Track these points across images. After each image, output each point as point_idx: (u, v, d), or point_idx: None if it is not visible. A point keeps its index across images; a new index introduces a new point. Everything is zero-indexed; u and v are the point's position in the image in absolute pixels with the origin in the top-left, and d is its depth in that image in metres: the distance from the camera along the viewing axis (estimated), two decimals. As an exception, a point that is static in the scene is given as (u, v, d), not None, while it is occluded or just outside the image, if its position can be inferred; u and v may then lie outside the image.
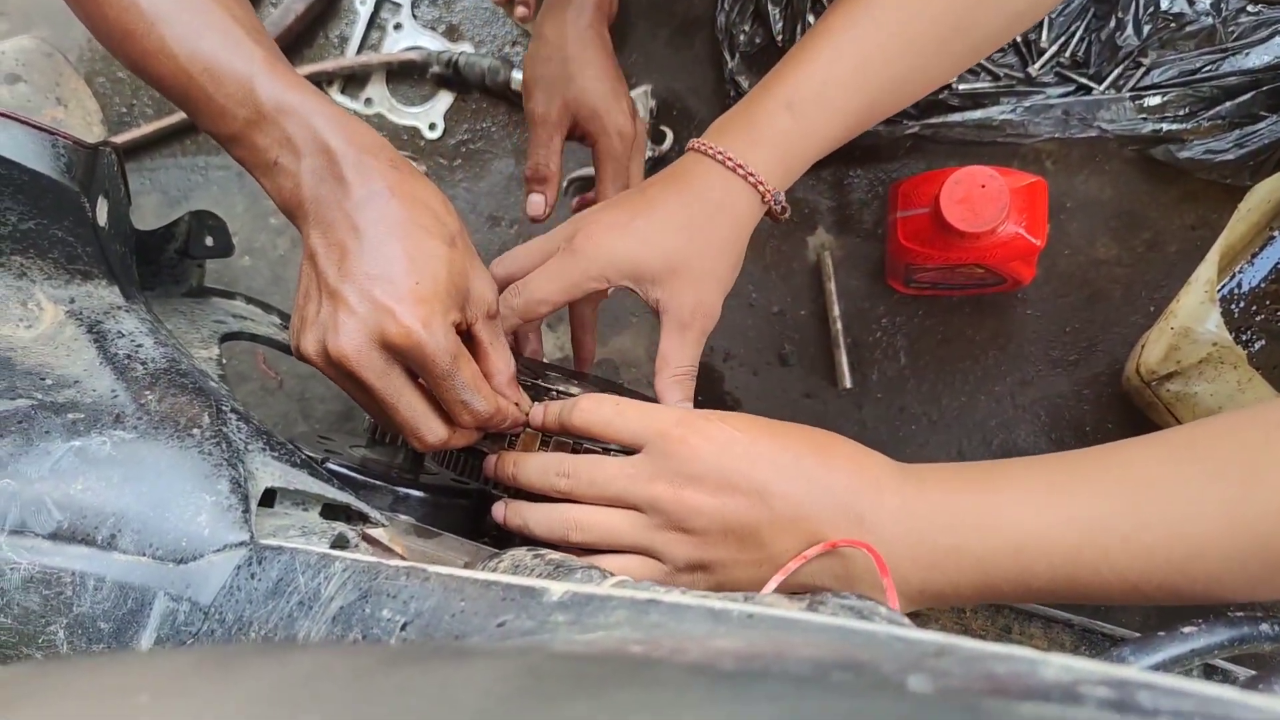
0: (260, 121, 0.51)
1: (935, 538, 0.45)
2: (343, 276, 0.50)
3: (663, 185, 0.60)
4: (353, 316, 0.49)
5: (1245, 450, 0.41)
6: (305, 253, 0.52)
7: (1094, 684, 0.20)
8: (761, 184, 0.58)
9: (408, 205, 0.50)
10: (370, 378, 0.50)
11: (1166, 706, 0.19)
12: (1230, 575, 0.41)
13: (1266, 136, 0.84)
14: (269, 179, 0.52)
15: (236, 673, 0.20)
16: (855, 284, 0.93)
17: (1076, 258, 0.90)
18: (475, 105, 1.02)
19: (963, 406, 0.92)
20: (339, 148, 0.50)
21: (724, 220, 0.58)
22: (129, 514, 0.44)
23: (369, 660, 0.20)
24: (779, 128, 0.58)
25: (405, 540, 0.51)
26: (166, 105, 1.06)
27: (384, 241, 0.49)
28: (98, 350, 0.50)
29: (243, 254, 1.04)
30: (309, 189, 0.51)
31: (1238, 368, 0.73)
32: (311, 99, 0.51)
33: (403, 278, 0.49)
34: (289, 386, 1.04)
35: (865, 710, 0.18)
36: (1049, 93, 0.89)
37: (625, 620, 0.30)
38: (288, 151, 0.51)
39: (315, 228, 0.51)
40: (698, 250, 0.58)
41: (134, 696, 0.19)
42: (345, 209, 0.50)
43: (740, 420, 0.50)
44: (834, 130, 0.59)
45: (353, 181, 0.50)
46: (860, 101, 0.59)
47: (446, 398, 0.52)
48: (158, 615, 0.42)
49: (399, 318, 0.48)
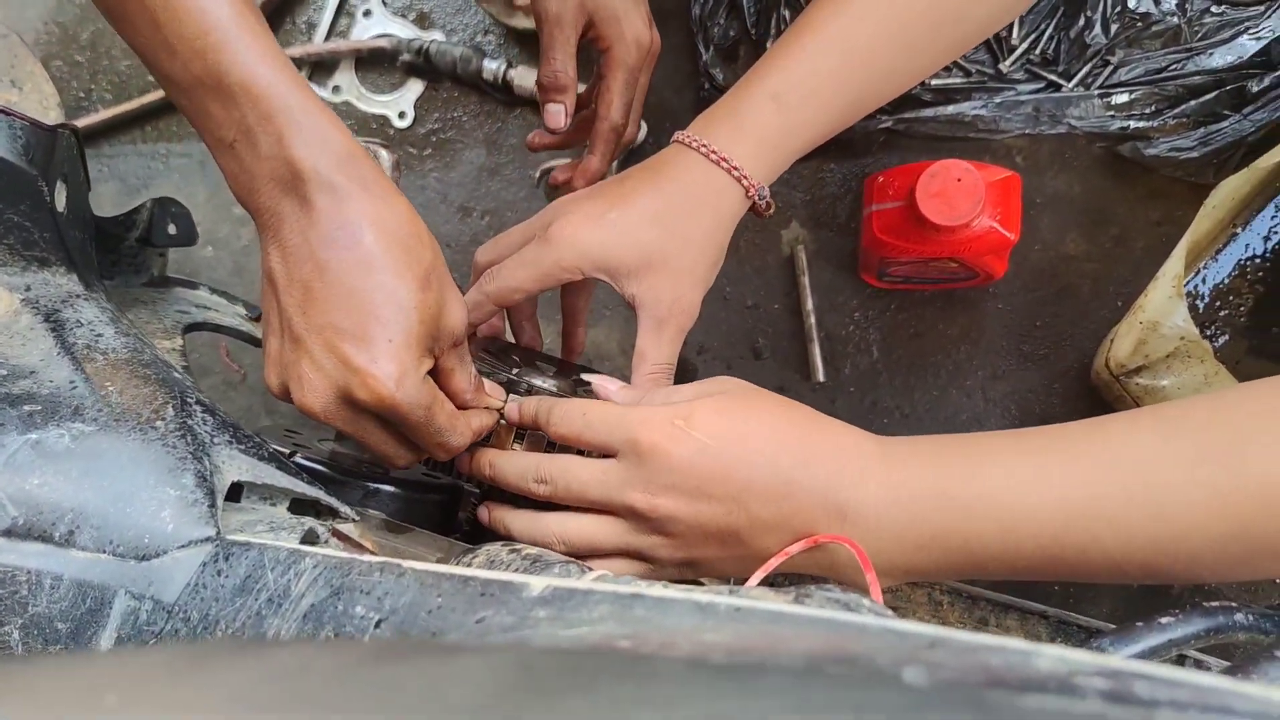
0: (218, 90, 0.45)
1: (921, 521, 0.45)
2: (308, 323, 0.47)
3: (642, 177, 0.59)
4: (319, 372, 0.47)
5: (1233, 433, 0.41)
6: (264, 268, 0.49)
7: (1089, 675, 0.19)
8: (745, 178, 0.57)
9: (381, 244, 0.46)
10: (339, 425, 0.49)
11: (1164, 697, 0.18)
12: (1212, 557, 0.41)
13: (1230, 135, 0.85)
14: (223, 159, 0.48)
15: (211, 671, 0.19)
16: (829, 278, 0.93)
17: (1046, 253, 0.90)
18: (446, 94, 1.01)
19: (934, 400, 0.92)
20: (308, 163, 0.46)
21: (705, 215, 0.57)
22: (88, 510, 0.42)
23: (352, 657, 0.20)
24: (764, 120, 0.57)
25: (376, 536, 0.50)
26: (126, 90, 1.04)
27: (354, 290, 0.46)
28: (55, 339, 0.49)
29: (205, 244, 1.02)
30: (267, 196, 0.47)
31: (1204, 361, 0.73)
32: (283, 82, 0.45)
33: (373, 334, 0.46)
34: (253, 380, 1.02)
35: (874, 701, 0.17)
36: (1019, 89, 0.89)
37: (609, 615, 0.29)
38: (245, 143, 0.46)
39: (274, 246, 0.48)
40: (676, 245, 0.57)
41: (101, 697, 0.18)
42: (310, 241, 0.46)
43: (712, 421, 0.47)
44: (821, 124, 0.59)
45: (320, 209, 0.46)
46: (848, 95, 0.58)
47: (422, 441, 0.50)
48: (118, 614, 0.41)
49: (369, 381, 0.46)
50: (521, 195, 1.00)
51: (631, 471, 0.48)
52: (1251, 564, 0.41)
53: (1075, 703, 0.18)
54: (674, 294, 0.57)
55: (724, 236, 0.59)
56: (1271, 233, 0.84)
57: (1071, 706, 0.18)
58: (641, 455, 0.47)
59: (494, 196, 1.00)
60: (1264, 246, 0.84)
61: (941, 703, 0.18)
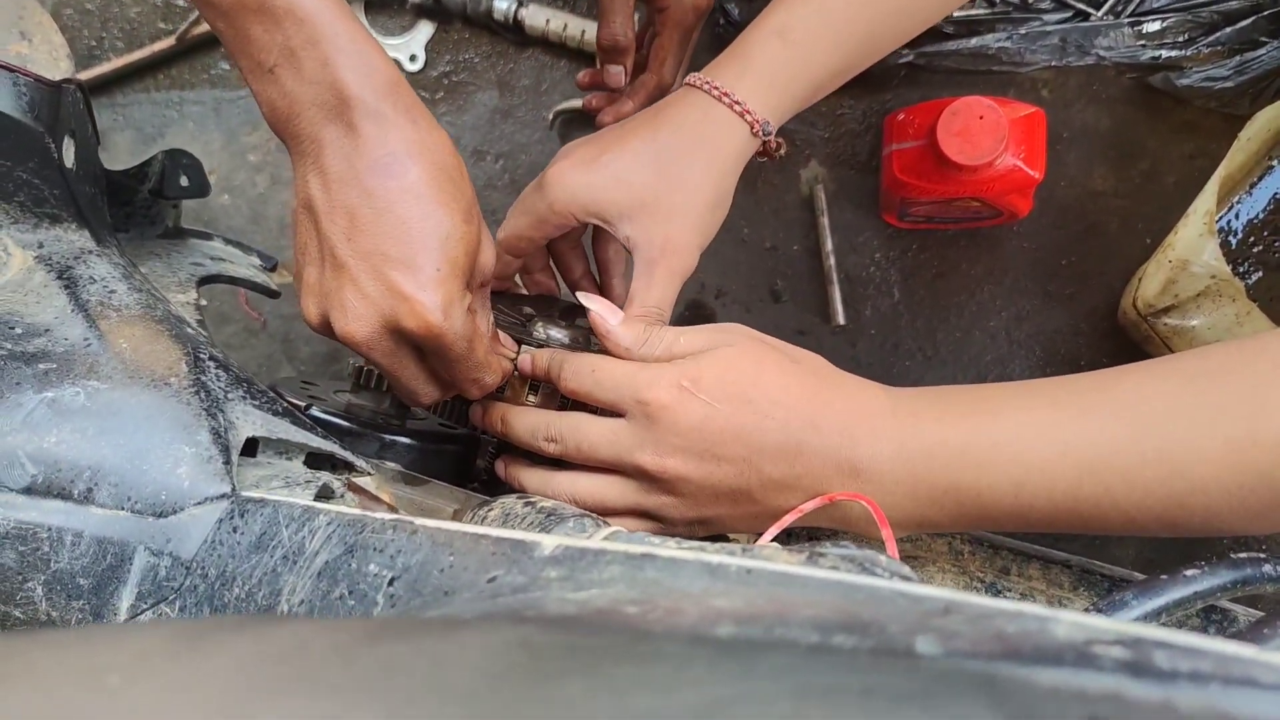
0: (261, 12, 0.44)
1: (934, 477, 0.44)
2: (354, 249, 0.46)
3: (642, 119, 0.58)
4: (364, 300, 0.46)
5: (1253, 384, 0.40)
6: (300, 196, 0.48)
7: (1108, 643, 0.19)
8: (748, 112, 0.55)
9: (428, 174, 0.46)
10: (377, 357, 0.48)
11: (1184, 667, 0.18)
12: (1230, 510, 0.41)
13: (1267, 63, 0.82)
14: (259, 84, 0.47)
15: (209, 651, 0.19)
16: (848, 218, 0.92)
17: (1073, 189, 0.88)
18: (457, 36, 0.99)
19: (958, 342, 0.91)
20: (355, 89, 0.45)
21: (702, 154, 0.55)
22: (105, 467, 0.42)
23: (350, 636, 0.19)
24: (769, 56, 0.56)
25: (393, 488, 0.50)
26: (137, 38, 1.02)
27: (403, 219, 0.45)
28: (69, 297, 0.49)
29: (221, 192, 1.02)
30: (309, 123, 0.46)
31: (1236, 300, 0.72)
32: (330, 8, 0.45)
33: (421, 262, 0.45)
34: (273, 328, 1.02)
35: (879, 685, 0.17)
36: (1046, 19, 0.87)
37: (620, 576, 0.29)
38: (288, 66, 0.45)
39: (314, 173, 0.47)
40: (669, 185, 0.55)
41: (104, 677, 0.18)
42: (356, 167, 0.46)
43: (720, 382, 0.47)
44: (832, 59, 0.57)
45: (367, 135, 0.46)
46: (859, 29, 0.56)
47: (456, 375, 0.50)
48: (138, 570, 0.41)
49: (417, 308, 0.46)
50: (535, 137, 0.98)
51: (641, 433, 0.47)
52: (1270, 516, 0.41)
53: (1092, 678, 0.18)
54: (665, 234, 0.55)
55: (725, 177, 0.57)
56: (1308, 165, 0.82)
57: (1087, 683, 0.18)
58: (650, 417, 0.47)
59: (507, 139, 0.98)
60: (1299, 180, 0.82)
61: (951, 685, 0.17)
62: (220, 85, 1.00)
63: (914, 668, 0.18)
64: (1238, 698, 0.17)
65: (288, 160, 1.03)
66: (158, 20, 1.02)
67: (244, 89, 1.00)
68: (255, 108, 1.00)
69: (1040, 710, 0.16)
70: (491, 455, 0.63)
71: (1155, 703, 0.17)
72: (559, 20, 0.93)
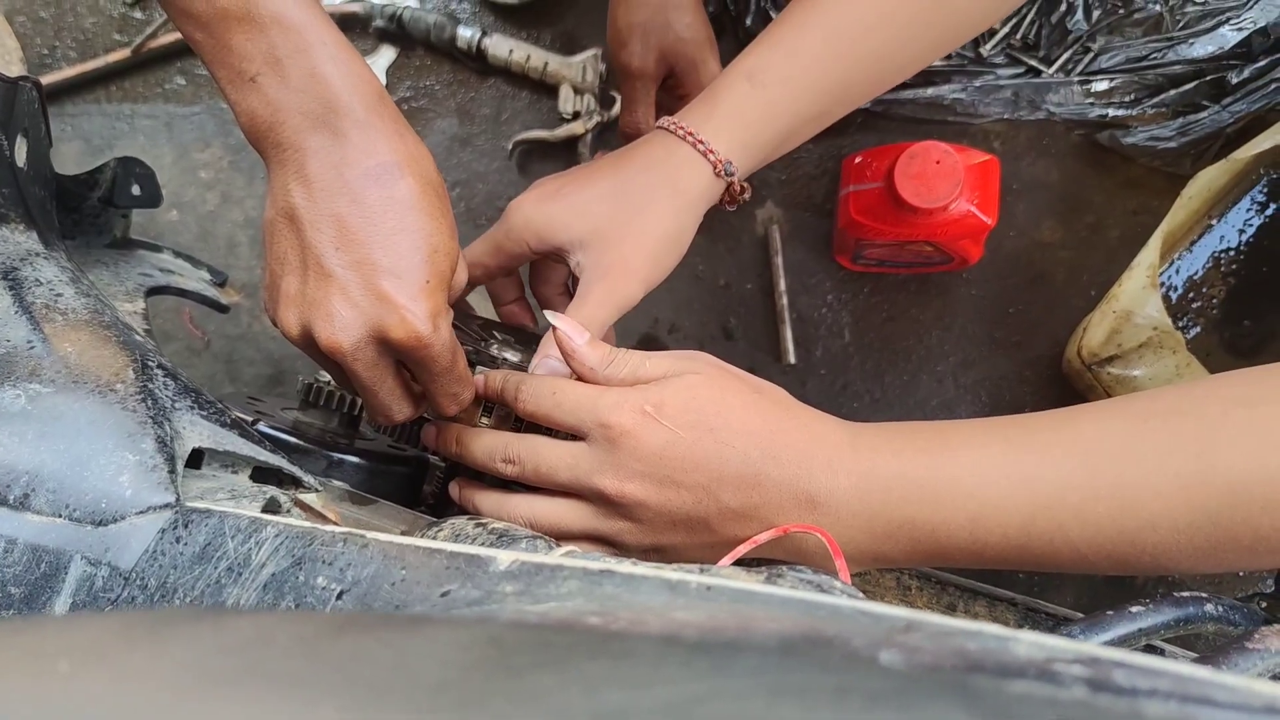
0: (245, 22, 0.43)
1: (890, 511, 0.44)
2: (343, 259, 0.45)
3: (609, 158, 0.58)
4: (352, 308, 0.46)
5: (1202, 425, 0.41)
6: (280, 205, 0.47)
7: (1068, 662, 0.19)
8: (712, 152, 0.55)
9: (417, 186, 0.46)
10: (358, 369, 0.47)
11: (1143, 685, 0.18)
12: (1178, 549, 0.41)
13: (1208, 126, 0.85)
14: (239, 94, 0.46)
15: (166, 640, 0.18)
16: (802, 259, 0.93)
17: (1021, 239, 0.90)
18: (419, 62, 0.99)
19: (905, 385, 0.92)
20: (344, 98, 0.45)
21: (664, 190, 0.56)
22: (44, 473, 0.41)
23: (313, 628, 0.19)
24: (737, 98, 0.56)
25: (339, 507, 0.49)
26: (91, 48, 1.01)
27: (393, 229, 0.45)
28: (12, 298, 0.47)
29: (170, 208, 1.00)
30: (292, 131, 0.45)
31: (1177, 352, 0.74)
32: (316, 19, 0.45)
33: (415, 273, 0.45)
34: (216, 347, 1.00)
35: (853, 684, 0.17)
36: (999, 73, 0.89)
37: (578, 591, 0.29)
38: (273, 75, 0.44)
39: (296, 182, 0.46)
40: (625, 215, 0.55)
41: (52, 663, 0.17)
42: (345, 176, 0.45)
43: (683, 410, 0.46)
44: (802, 105, 0.57)
45: (356, 144, 0.45)
46: (833, 77, 0.57)
47: (436, 388, 0.50)
48: (74, 580, 0.40)
49: (407, 318, 0.45)
50: (494, 167, 0.98)
51: (601, 457, 0.47)
52: (1217, 556, 0.41)
53: (1059, 690, 0.18)
54: (611, 258, 0.54)
55: (682, 213, 0.56)
56: (1246, 225, 0.85)
57: (1057, 694, 0.18)
58: (612, 441, 0.46)
59: (465, 167, 0.98)
60: (1238, 239, 0.85)
61: (924, 687, 0.17)
62: (174, 100, 0.99)
63: (888, 674, 0.18)
64: (1200, 712, 0.17)
65: (239, 178, 1.02)
66: (113, 31, 1.01)
67: (198, 105, 0.99)
68: (208, 124, 0.99)
69: (1014, 711, 0.16)
70: (440, 481, 0.62)
71: (1123, 710, 0.17)
72: (522, 51, 0.94)
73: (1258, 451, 0.40)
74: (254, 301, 1.01)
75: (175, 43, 0.99)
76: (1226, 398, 0.41)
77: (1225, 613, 0.41)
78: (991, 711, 0.16)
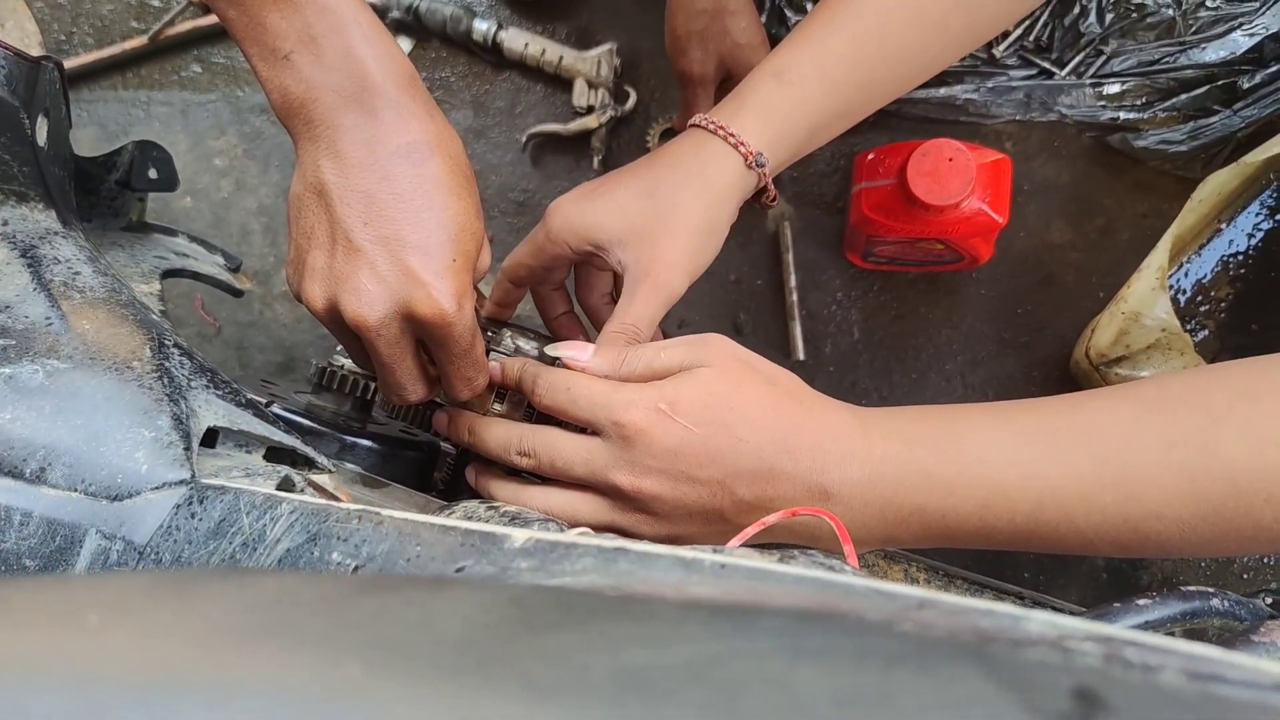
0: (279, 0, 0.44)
1: (901, 499, 0.45)
2: (372, 234, 0.46)
3: (644, 158, 0.59)
4: (380, 283, 0.46)
5: (1208, 416, 0.42)
6: (309, 180, 0.47)
7: (1080, 639, 0.19)
8: (742, 144, 0.56)
9: (447, 166, 0.47)
10: (381, 345, 0.48)
11: (1155, 663, 0.18)
12: (1182, 537, 0.42)
13: (1219, 130, 0.85)
14: (271, 71, 0.46)
15: (193, 597, 0.19)
16: (813, 256, 0.93)
17: (1031, 240, 0.90)
18: (435, 54, 0.99)
19: (913, 383, 0.92)
20: (378, 77, 0.45)
21: (695, 182, 0.56)
22: (61, 447, 0.41)
23: (337, 588, 0.19)
24: (764, 95, 0.57)
25: (351, 489, 0.49)
26: (108, 35, 1.01)
27: (422, 206, 0.46)
28: (31, 275, 0.48)
29: (184, 194, 1.00)
30: (325, 109, 0.46)
31: (1184, 354, 0.74)
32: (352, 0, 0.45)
33: (442, 251, 0.46)
34: (228, 334, 1.01)
35: (872, 647, 0.17)
36: (1012, 75, 0.89)
37: (592, 568, 0.29)
38: (307, 53, 0.45)
39: (327, 158, 0.47)
40: (659, 211, 0.56)
41: (82, 616, 0.17)
42: (376, 153, 0.46)
43: (697, 406, 0.47)
44: (829, 102, 0.57)
45: (388, 123, 0.46)
46: (858, 75, 0.57)
47: (453, 370, 0.50)
48: (88, 554, 0.40)
49: (434, 294, 0.46)
50: (507, 159, 0.99)
51: (616, 453, 0.47)
52: (1219, 544, 0.42)
53: (1075, 659, 0.18)
54: (652, 254, 0.55)
55: (715, 205, 0.57)
56: (1255, 229, 0.85)
57: (1073, 662, 0.18)
58: (626, 439, 0.47)
59: (479, 159, 0.99)
60: (1247, 243, 0.85)
61: (942, 650, 0.17)
62: (190, 88, 0.99)
63: (906, 639, 0.18)
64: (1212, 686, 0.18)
65: (253, 166, 1.02)
66: (130, 19, 1.01)
67: (214, 93, 1.00)
68: (223, 112, 0.99)
69: (1031, 677, 0.16)
70: (450, 468, 0.63)
71: (1137, 680, 0.17)
72: (538, 45, 0.94)
73: (1260, 445, 0.41)
74: (265, 289, 1.01)
75: (192, 31, 0.99)
76: (1232, 389, 0.42)
77: (1231, 608, 0.42)
78: (1009, 675, 0.16)
